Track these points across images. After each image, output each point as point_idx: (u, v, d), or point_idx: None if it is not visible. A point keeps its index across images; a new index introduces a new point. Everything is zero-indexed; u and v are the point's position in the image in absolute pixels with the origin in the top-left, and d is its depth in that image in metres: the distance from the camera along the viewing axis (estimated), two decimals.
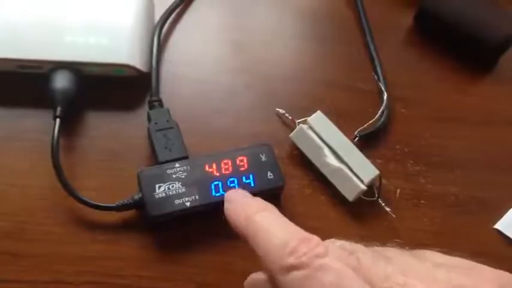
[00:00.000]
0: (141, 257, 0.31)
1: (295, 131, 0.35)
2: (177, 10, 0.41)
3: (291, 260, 0.19)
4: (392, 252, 0.21)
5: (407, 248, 0.22)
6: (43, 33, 0.35)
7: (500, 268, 0.20)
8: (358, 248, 0.21)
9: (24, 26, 0.35)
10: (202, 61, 0.40)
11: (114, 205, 0.31)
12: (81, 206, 0.31)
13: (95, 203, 0.31)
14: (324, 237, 0.21)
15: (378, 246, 0.22)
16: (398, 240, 0.33)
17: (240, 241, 0.22)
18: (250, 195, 0.24)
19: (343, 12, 0.44)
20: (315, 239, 0.20)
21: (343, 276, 0.19)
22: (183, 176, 0.32)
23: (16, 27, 0.35)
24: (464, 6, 0.40)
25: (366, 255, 0.20)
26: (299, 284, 0.19)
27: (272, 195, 0.33)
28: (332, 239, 0.21)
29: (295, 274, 0.19)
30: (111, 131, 0.35)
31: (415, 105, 0.40)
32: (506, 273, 0.20)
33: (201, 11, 0.42)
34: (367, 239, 0.22)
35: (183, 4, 0.42)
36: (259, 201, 0.23)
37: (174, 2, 0.41)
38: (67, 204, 0.32)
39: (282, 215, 0.22)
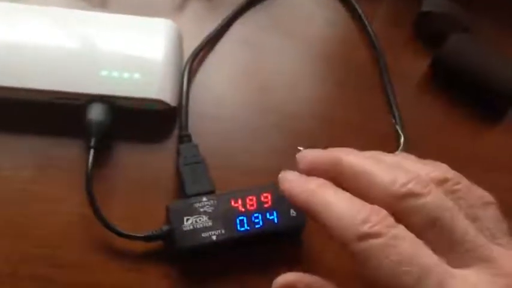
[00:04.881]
0: (167, 287, 0.32)
1: None
2: (205, 49, 0.43)
3: (366, 229, 0.20)
4: None
5: None
6: (81, 68, 0.37)
7: None
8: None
9: (63, 59, 0.37)
10: (226, 99, 0.41)
11: (143, 235, 0.32)
12: (110, 234, 0.32)
13: (125, 232, 0.32)
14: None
15: None
16: None
17: (266, 274, 0.24)
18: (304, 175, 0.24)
19: (360, 56, 0.46)
20: (383, 210, 0.20)
21: (418, 244, 0.20)
22: (210, 210, 0.33)
23: (56, 60, 0.36)
24: (476, 57, 0.43)
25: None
26: (377, 251, 0.19)
27: (294, 232, 0.35)
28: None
29: (373, 242, 0.19)
30: (139, 163, 0.37)
31: (429, 148, 0.41)
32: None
33: (227, 50, 0.44)
34: None
35: (210, 43, 0.44)
36: (315, 178, 0.23)
37: (203, 41, 0.43)
38: (96, 232, 0.33)
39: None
